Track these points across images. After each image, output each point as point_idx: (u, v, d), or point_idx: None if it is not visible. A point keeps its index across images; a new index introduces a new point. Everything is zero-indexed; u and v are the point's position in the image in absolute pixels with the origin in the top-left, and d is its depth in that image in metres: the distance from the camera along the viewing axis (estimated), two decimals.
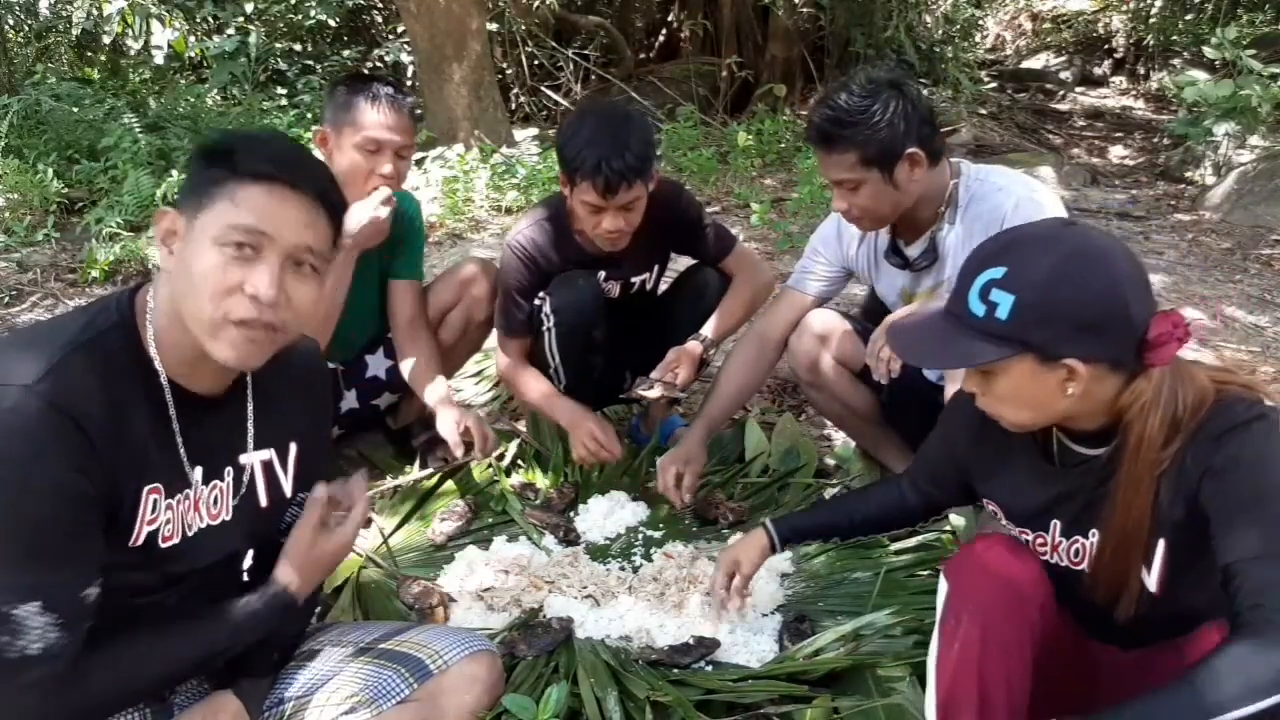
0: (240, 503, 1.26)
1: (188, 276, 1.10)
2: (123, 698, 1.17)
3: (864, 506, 1.68)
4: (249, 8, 7.01)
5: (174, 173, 4.66)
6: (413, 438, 2.54)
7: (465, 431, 2.15)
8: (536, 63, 7.74)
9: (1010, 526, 1.38)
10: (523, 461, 2.47)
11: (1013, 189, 1.91)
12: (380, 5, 8.37)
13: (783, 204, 5.10)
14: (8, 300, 3.77)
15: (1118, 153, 7.05)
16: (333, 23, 7.66)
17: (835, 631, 1.72)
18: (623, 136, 2.04)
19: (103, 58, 7.66)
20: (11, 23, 7.49)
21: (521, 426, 2.64)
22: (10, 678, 1.03)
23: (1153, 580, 1.20)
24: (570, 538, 2.15)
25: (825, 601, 1.90)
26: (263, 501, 1.29)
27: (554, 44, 7.72)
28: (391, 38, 7.85)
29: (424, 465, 2.42)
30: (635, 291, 2.39)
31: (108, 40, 7.09)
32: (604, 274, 2.31)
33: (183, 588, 1.23)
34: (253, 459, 1.27)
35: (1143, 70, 9.03)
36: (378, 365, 2.40)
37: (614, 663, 1.67)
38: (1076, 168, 6.23)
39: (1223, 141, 5.84)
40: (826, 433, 2.69)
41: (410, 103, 2.12)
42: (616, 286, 2.36)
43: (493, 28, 7.01)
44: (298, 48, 7.68)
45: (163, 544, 1.16)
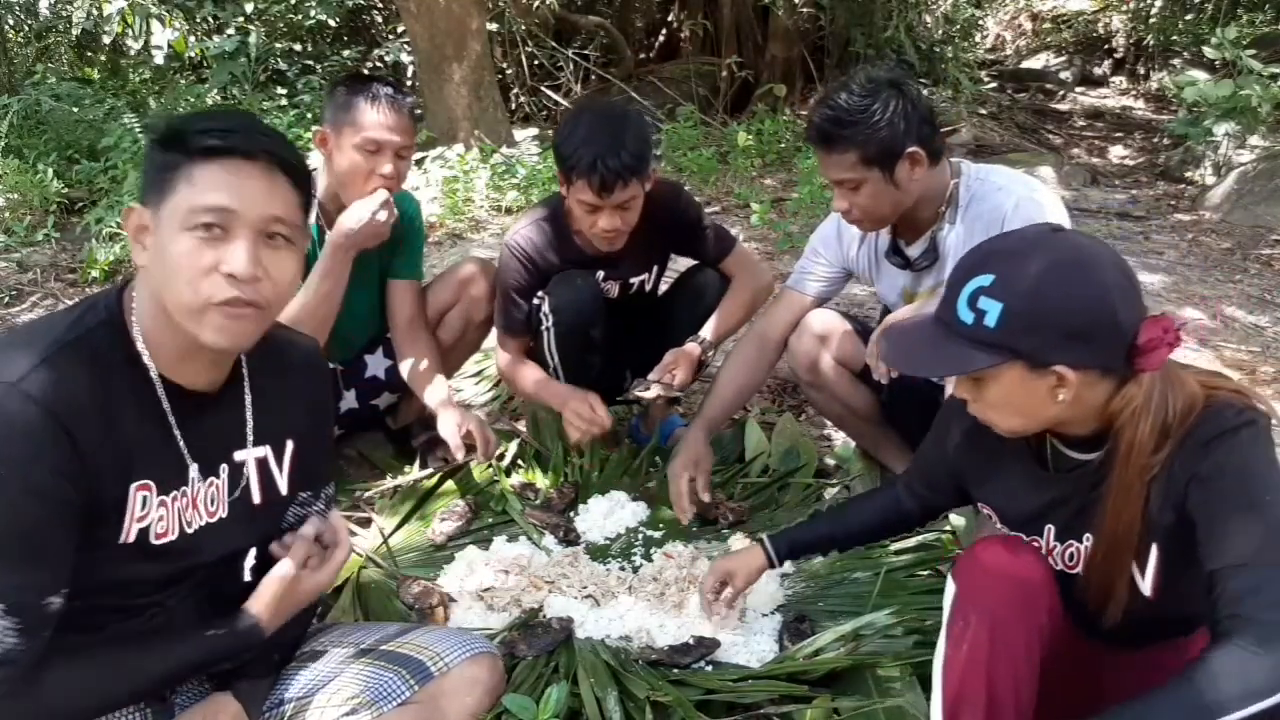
0: (236, 500, 1.25)
1: (163, 267, 1.09)
2: (78, 711, 1.13)
3: (861, 515, 1.67)
4: (249, 8, 7.00)
5: None
6: (413, 438, 2.54)
7: (467, 434, 2.15)
8: (536, 63, 7.74)
9: (1005, 530, 1.38)
10: (523, 461, 2.47)
11: (1013, 189, 1.91)
12: (380, 5, 8.37)
13: (783, 204, 5.10)
14: (8, 300, 3.77)
15: (1118, 153, 7.05)
16: (333, 23, 7.65)
17: (835, 631, 1.72)
18: (619, 135, 2.03)
19: (103, 58, 7.66)
20: (11, 23, 7.49)
21: (521, 426, 2.64)
22: None
23: (1147, 584, 1.20)
24: (570, 538, 2.15)
25: (825, 601, 1.90)
26: (256, 499, 1.28)
27: (554, 44, 7.72)
28: (391, 38, 7.85)
29: (424, 465, 2.42)
30: (634, 292, 2.39)
31: (108, 40, 7.09)
32: (602, 274, 2.31)
33: (185, 585, 1.23)
34: (248, 456, 1.26)
35: (1143, 70, 9.04)
36: (377, 365, 2.40)
37: (614, 663, 1.67)
38: (1076, 168, 6.23)
39: (1223, 141, 5.84)
40: (826, 433, 2.69)
41: (410, 103, 2.12)
42: (615, 287, 2.36)
43: (493, 28, 7.01)
44: (298, 48, 7.67)
45: (156, 541, 1.15)
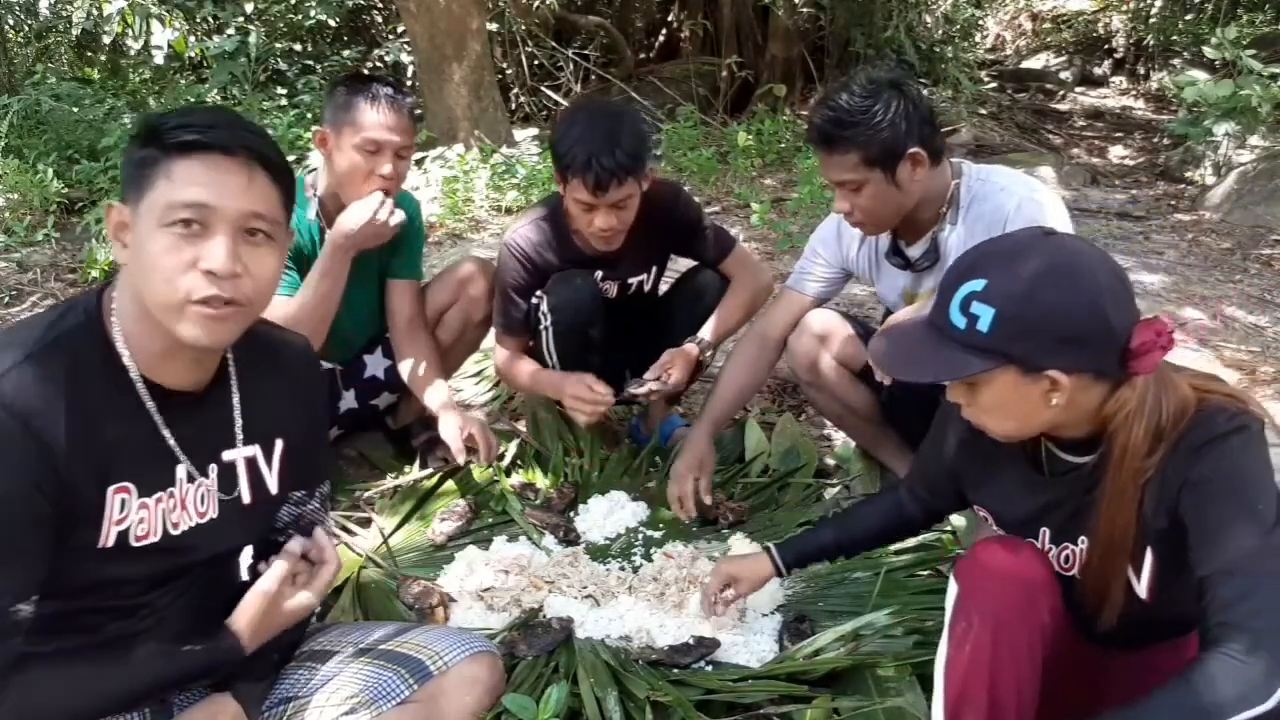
0: (225, 500, 1.24)
1: (142, 264, 1.08)
2: None
3: (865, 521, 1.67)
4: (249, 8, 7.01)
5: None
6: (412, 438, 2.54)
7: (469, 438, 2.15)
8: (536, 63, 7.73)
9: (1001, 533, 1.38)
10: (523, 461, 2.46)
11: (1014, 189, 1.91)
12: (380, 5, 8.37)
13: (783, 204, 5.10)
14: (8, 300, 3.77)
15: (1118, 153, 7.05)
16: (333, 23, 7.66)
17: (835, 631, 1.72)
18: (614, 133, 2.03)
19: (103, 58, 7.66)
20: (11, 23, 7.49)
21: (521, 426, 2.64)
22: None
23: (1142, 587, 1.20)
24: (570, 538, 2.15)
25: (825, 601, 1.90)
26: (246, 499, 1.26)
27: (554, 44, 7.72)
28: (391, 38, 7.85)
29: (424, 465, 2.42)
30: (633, 292, 2.39)
31: (108, 40, 7.09)
32: (601, 274, 2.31)
33: (177, 585, 1.22)
34: (236, 455, 1.25)
35: (1143, 70, 9.04)
36: (376, 365, 2.40)
37: (614, 663, 1.67)
38: (1076, 168, 6.23)
39: (1223, 141, 5.84)
40: (826, 433, 2.69)
41: (410, 103, 2.12)
42: (614, 287, 2.36)
43: (493, 28, 7.01)
44: (298, 48, 7.68)
45: (136, 543, 1.14)
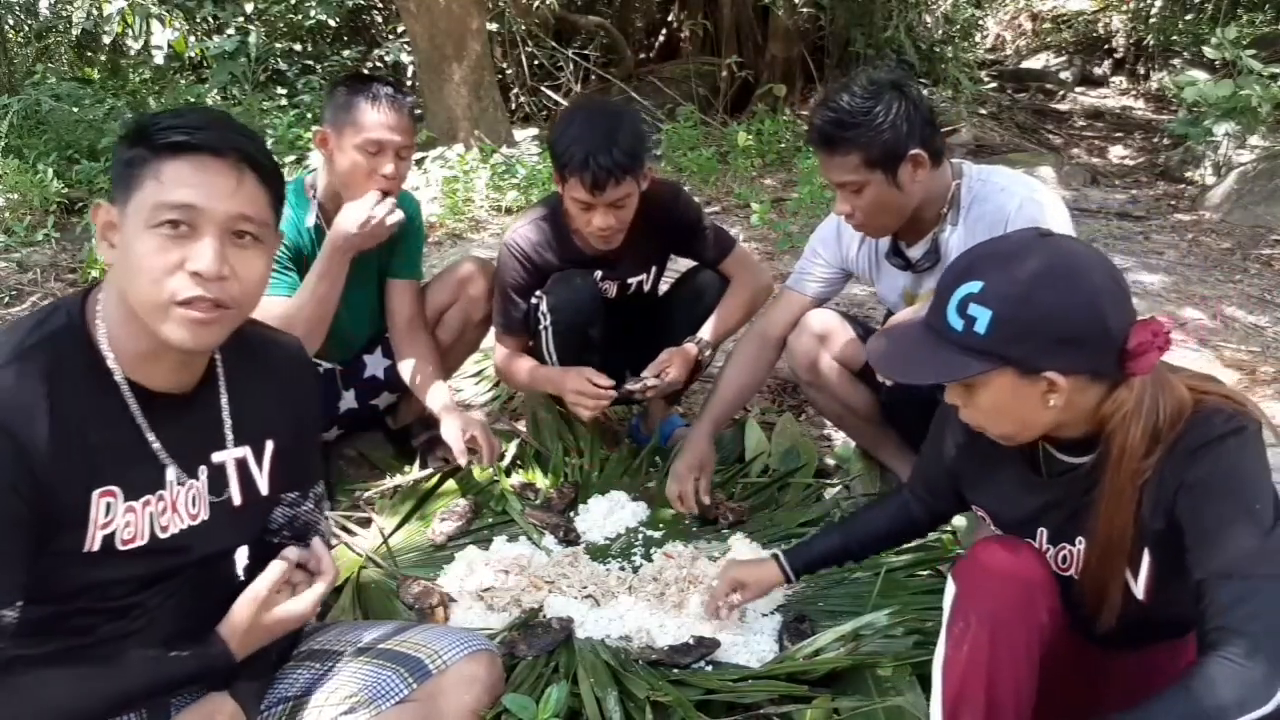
0: (216, 502, 1.23)
1: (129, 265, 1.08)
2: None
3: (871, 525, 1.67)
4: (249, 8, 7.01)
5: None
6: (413, 438, 2.54)
7: (471, 440, 2.15)
8: (536, 63, 7.73)
9: (999, 533, 1.37)
10: (523, 461, 2.46)
11: (1015, 189, 1.91)
12: (380, 5, 8.37)
13: (783, 204, 5.10)
14: (8, 300, 3.76)
15: (1118, 153, 7.05)
16: (333, 23, 7.66)
17: (835, 631, 1.72)
18: (612, 132, 2.03)
19: (103, 58, 7.66)
20: (11, 23, 7.49)
21: (521, 426, 2.63)
22: None
23: (1140, 588, 1.20)
24: (570, 538, 2.15)
25: (825, 601, 1.90)
26: (236, 500, 1.26)
27: (554, 44, 7.72)
28: (391, 38, 7.85)
29: (424, 465, 2.42)
30: (632, 292, 2.39)
31: (108, 40, 7.09)
32: (600, 274, 2.31)
33: (170, 585, 1.21)
34: (226, 457, 1.24)
35: (1143, 70, 9.04)
36: (376, 365, 2.39)
37: (614, 663, 1.67)
38: (1076, 168, 6.23)
39: (1223, 141, 5.84)
40: (826, 433, 2.69)
41: (410, 102, 2.11)
42: (614, 287, 2.36)
43: (493, 28, 7.01)
44: (298, 48, 7.68)
45: (122, 546, 1.13)
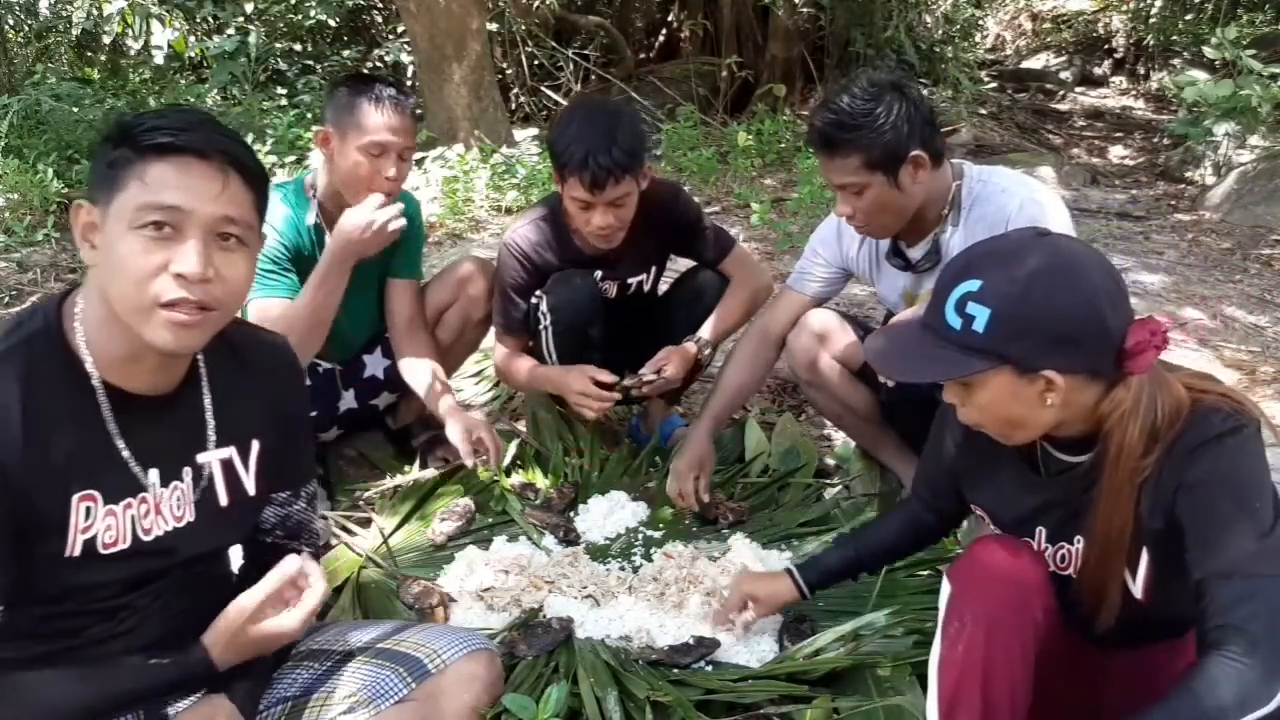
0: (200, 503, 1.22)
1: (111, 266, 1.06)
2: None
3: (883, 535, 1.66)
4: (249, 8, 7.01)
5: None
6: (413, 438, 2.54)
7: (477, 441, 2.15)
8: (536, 63, 7.74)
9: (998, 533, 1.37)
10: (523, 461, 2.46)
11: (1016, 190, 1.91)
12: (380, 5, 8.37)
13: (783, 204, 5.10)
14: (8, 300, 3.76)
15: (1118, 153, 7.05)
16: (333, 23, 7.66)
17: (835, 631, 1.72)
18: (611, 131, 2.03)
19: (103, 58, 7.66)
20: (11, 23, 7.49)
21: (521, 426, 2.63)
22: None
23: (1138, 588, 1.20)
24: (570, 538, 2.15)
25: (825, 601, 1.89)
26: (223, 501, 1.25)
27: (554, 44, 7.72)
28: (391, 38, 7.85)
29: (424, 465, 2.41)
30: (632, 292, 2.39)
31: (108, 40, 7.09)
32: (600, 274, 2.31)
33: (157, 586, 1.20)
34: (211, 458, 1.23)
35: (1143, 70, 9.04)
36: (375, 365, 2.39)
37: (614, 663, 1.67)
38: (1076, 168, 6.23)
39: (1223, 141, 5.84)
40: (826, 433, 2.69)
41: (413, 104, 2.11)
42: (613, 287, 2.36)
43: (493, 28, 7.01)
44: (298, 48, 7.68)
45: (104, 550, 1.12)
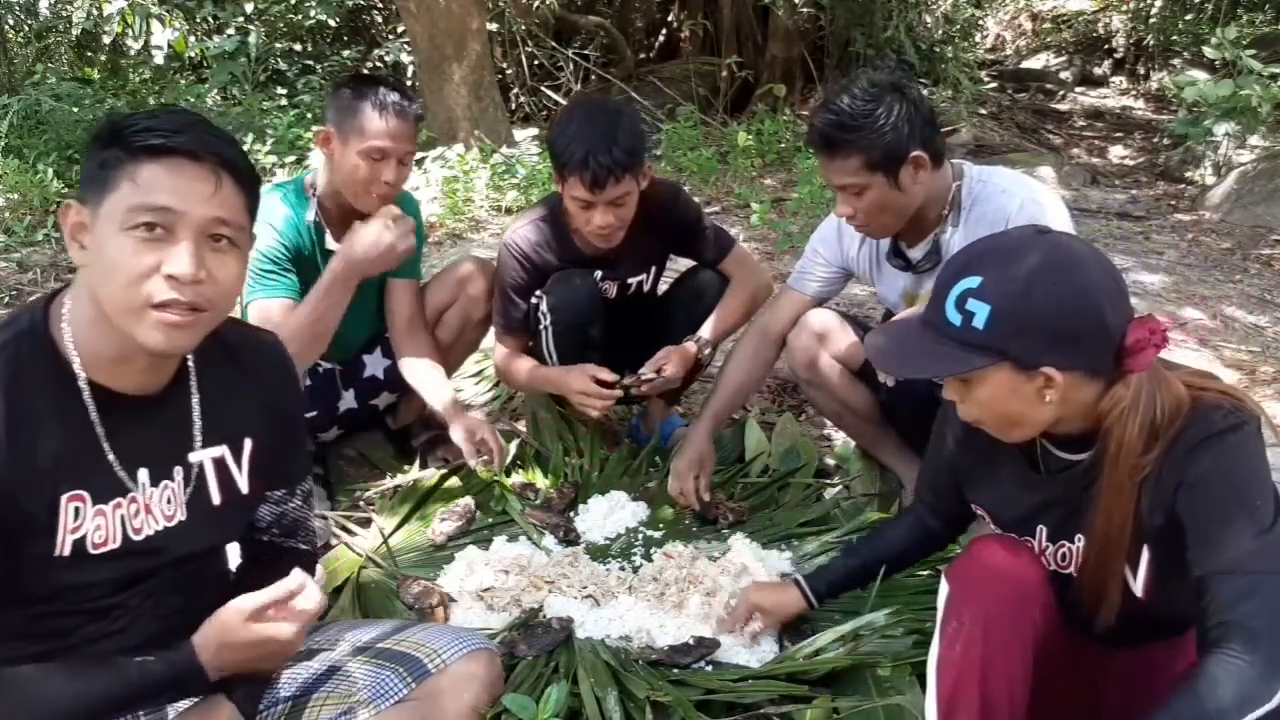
0: (192, 501, 1.22)
1: (101, 267, 1.06)
2: None
3: (891, 541, 1.66)
4: (249, 8, 7.01)
5: None
6: (413, 438, 2.54)
7: (480, 442, 2.14)
8: (536, 63, 7.74)
9: (998, 532, 1.38)
10: (523, 461, 2.46)
11: (1016, 190, 1.91)
12: (380, 5, 8.37)
13: (783, 204, 5.10)
14: (8, 300, 3.76)
15: (1118, 153, 7.05)
16: (333, 23, 7.66)
17: (835, 631, 1.72)
18: (610, 131, 2.03)
19: (103, 58, 7.66)
20: (11, 23, 7.49)
21: (521, 426, 2.63)
22: None
23: (1139, 586, 1.20)
24: (570, 538, 2.15)
25: (825, 602, 1.90)
26: (215, 500, 1.24)
27: (554, 44, 7.72)
28: (391, 38, 7.86)
29: (424, 465, 2.41)
30: (632, 292, 2.39)
31: (108, 40, 7.10)
32: (600, 274, 2.31)
33: (149, 585, 1.20)
34: (202, 457, 1.23)
35: (1143, 70, 9.04)
36: (376, 365, 2.39)
37: (614, 663, 1.67)
38: (1076, 168, 6.24)
39: (1223, 141, 5.84)
40: (826, 433, 2.69)
41: (415, 109, 2.10)
42: (613, 287, 2.36)
43: (493, 28, 7.01)
44: (298, 48, 7.69)
45: (94, 550, 1.12)
